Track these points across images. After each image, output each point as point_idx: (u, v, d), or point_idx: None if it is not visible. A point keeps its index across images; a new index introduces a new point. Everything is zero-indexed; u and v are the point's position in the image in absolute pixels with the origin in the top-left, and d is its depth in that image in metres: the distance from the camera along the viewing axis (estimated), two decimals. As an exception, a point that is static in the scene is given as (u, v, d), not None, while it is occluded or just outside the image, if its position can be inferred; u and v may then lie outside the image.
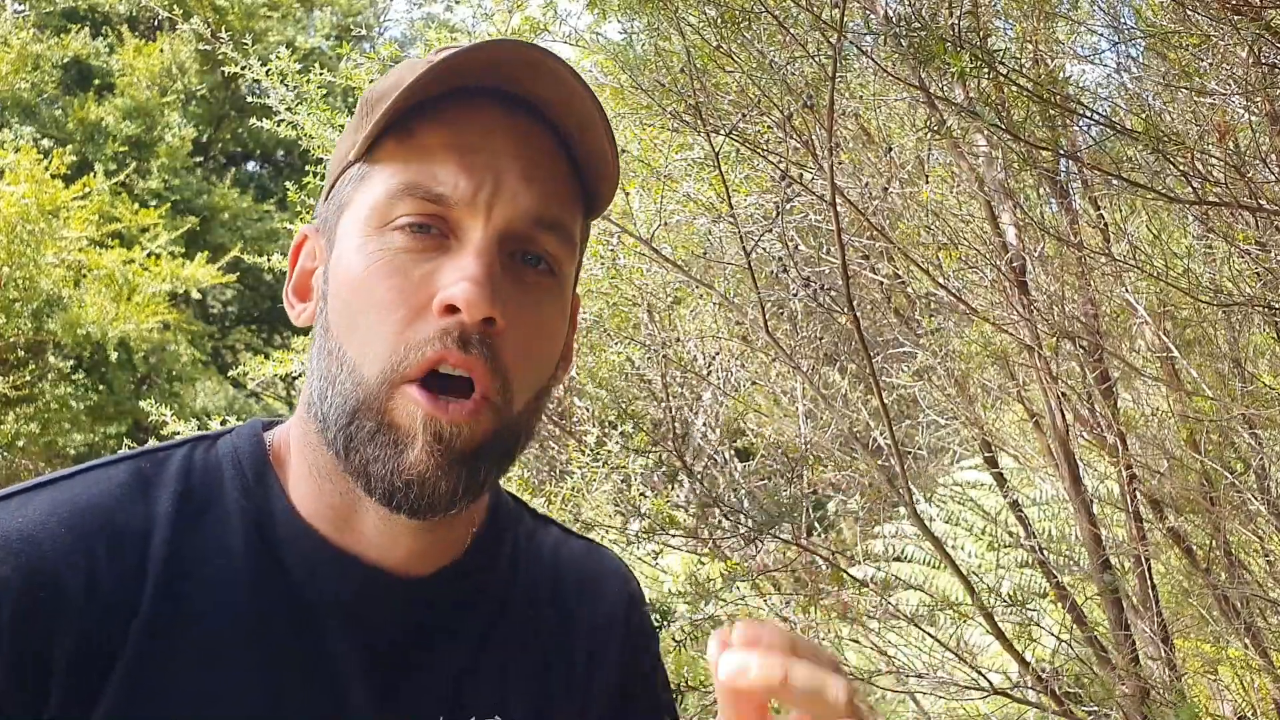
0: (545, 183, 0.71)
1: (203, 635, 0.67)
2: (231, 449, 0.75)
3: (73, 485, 0.69)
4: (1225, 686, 3.04)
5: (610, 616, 0.90)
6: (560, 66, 0.69)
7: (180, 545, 0.69)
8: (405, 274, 0.67)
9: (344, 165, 0.74)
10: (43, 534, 0.65)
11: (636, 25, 2.35)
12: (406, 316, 0.67)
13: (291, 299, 0.78)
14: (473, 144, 0.69)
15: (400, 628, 0.74)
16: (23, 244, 8.58)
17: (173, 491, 0.71)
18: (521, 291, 0.69)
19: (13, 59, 11.33)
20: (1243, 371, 2.34)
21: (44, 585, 0.63)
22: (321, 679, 0.70)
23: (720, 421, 3.48)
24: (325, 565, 0.72)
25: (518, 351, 0.69)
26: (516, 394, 0.70)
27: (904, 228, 2.62)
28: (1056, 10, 2.32)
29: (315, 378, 0.71)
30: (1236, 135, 1.97)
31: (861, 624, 2.73)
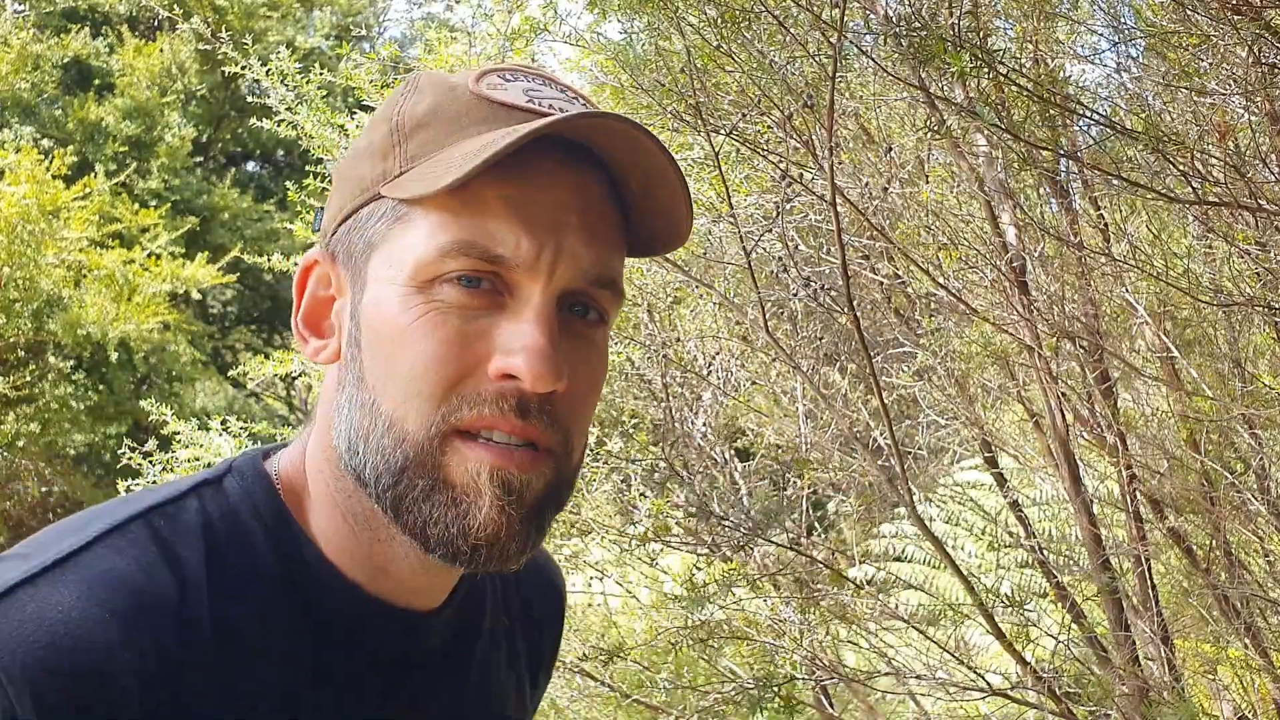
0: (605, 240, 0.67)
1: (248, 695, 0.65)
2: (244, 495, 0.70)
3: (94, 559, 0.62)
4: (1225, 687, 3.04)
5: (555, 623, 0.93)
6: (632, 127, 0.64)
7: (218, 609, 0.64)
8: (458, 329, 0.63)
9: (372, 195, 0.68)
10: (87, 622, 0.59)
11: (636, 25, 2.35)
12: (457, 374, 0.63)
13: (304, 331, 0.73)
14: (533, 199, 0.64)
15: (418, 662, 0.74)
16: (23, 244, 8.58)
17: (199, 552, 0.66)
18: (575, 348, 0.66)
19: (13, 59, 11.33)
20: (1243, 371, 2.34)
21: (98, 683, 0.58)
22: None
23: (720, 421, 3.48)
24: (358, 613, 0.69)
25: (575, 408, 0.66)
26: (575, 446, 0.68)
27: (904, 228, 2.62)
28: (1056, 10, 2.32)
29: (344, 430, 0.67)
30: (1236, 135, 1.97)
31: (860, 625, 2.73)
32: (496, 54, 2.90)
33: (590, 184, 0.67)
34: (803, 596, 2.63)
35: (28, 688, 0.55)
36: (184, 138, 13.39)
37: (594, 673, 2.78)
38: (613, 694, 2.87)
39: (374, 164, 0.68)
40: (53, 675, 0.56)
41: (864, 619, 2.72)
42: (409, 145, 0.67)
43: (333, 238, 0.71)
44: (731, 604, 2.68)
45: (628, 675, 2.78)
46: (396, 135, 0.68)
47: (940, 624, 2.84)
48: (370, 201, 0.68)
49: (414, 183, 0.64)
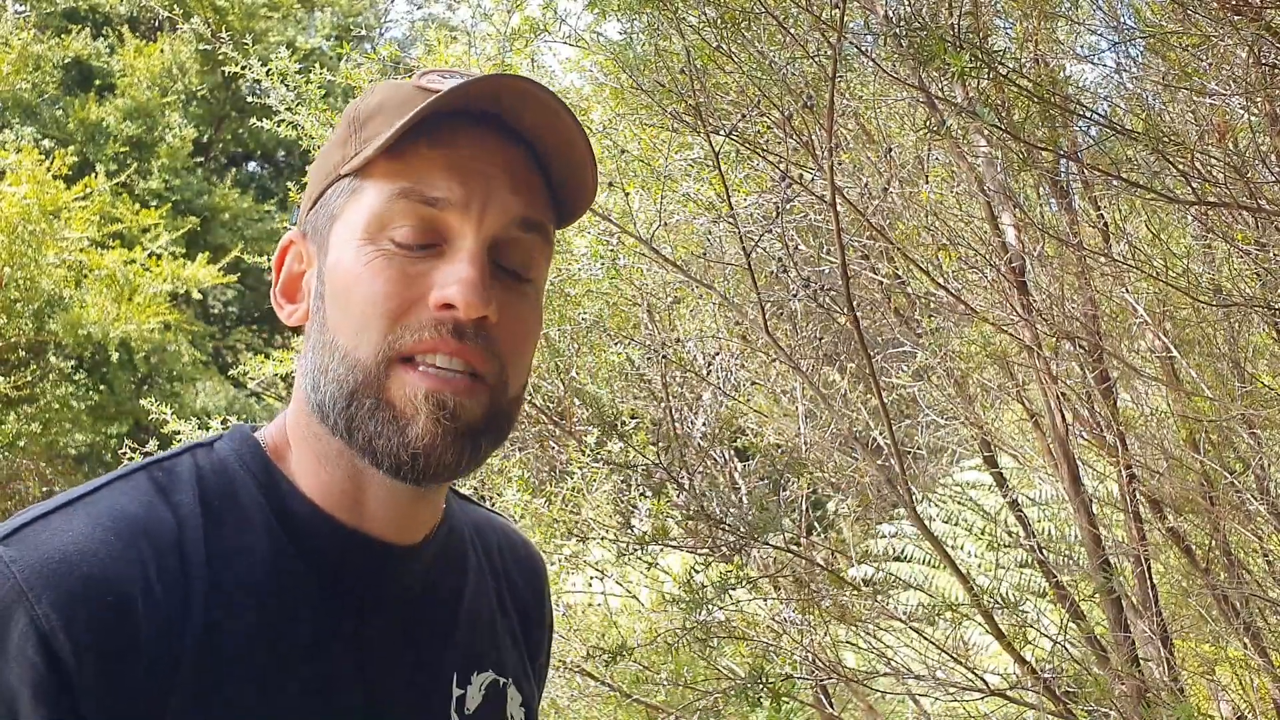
0: (528, 193, 0.77)
1: (246, 628, 0.70)
2: (232, 451, 0.78)
3: (101, 498, 0.71)
4: (1224, 686, 3.04)
5: (539, 600, 0.98)
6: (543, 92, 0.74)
7: (213, 548, 0.72)
8: (401, 270, 0.72)
9: (333, 178, 0.78)
10: (95, 544, 0.67)
11: (636, 25, 2.35)
12: (401, 306, 0.72)
13: (280, 300, 0.82)
14: (464, 158, 0.74)
15: (407, 595, 0.80)
16: (24, 244, 8.58)
17: (193, 496, 0.74)
18: (506, 293, 0.75)
19: (14, 60, 11.33)
20: (1242, 372, 2.34)
21: (110, 592, 0.66)
22: (352, 650, 0.75)
23: (720, 422, 3.48)
24: (342, 546, 0.76)
25: (510, 343, 0.75)
26: (511, 379, 0.76)
27: (904, 228, 2.63)
28: (1056, 10, 2.32)
29: (309, 371, 0.76)
30: (1236, 135, 1.97)
31: (860, 625, 2.73)
32: (496, 54, 2.90)
33: (514, 152, 0.77)
34: (802, 597, 2.63)
35: (46, 594, 0.64)
36: (185, 138, 13.40)
37: (594, 672, 2.78)
38: (613, 694, 2.87)
39: (335, 153, 0.79)
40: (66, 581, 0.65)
41: (863, 619, 2.72)
42: (362, 133, 0.77)
43: (305, 220, 0.81)
44: (731, 605, 2.68)
45: (627, 675, 2.78)
46: (353, 126, 0.78)
47: (939, 624, 2.84)
48: (333, 183, 0.78)
49: (360, 156, 0.75)
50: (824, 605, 2.66)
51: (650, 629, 2.96)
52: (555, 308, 2.85)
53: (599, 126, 2.90)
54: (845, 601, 2.73)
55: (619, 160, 2.82)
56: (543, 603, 0.98)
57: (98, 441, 10.47)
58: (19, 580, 0.64)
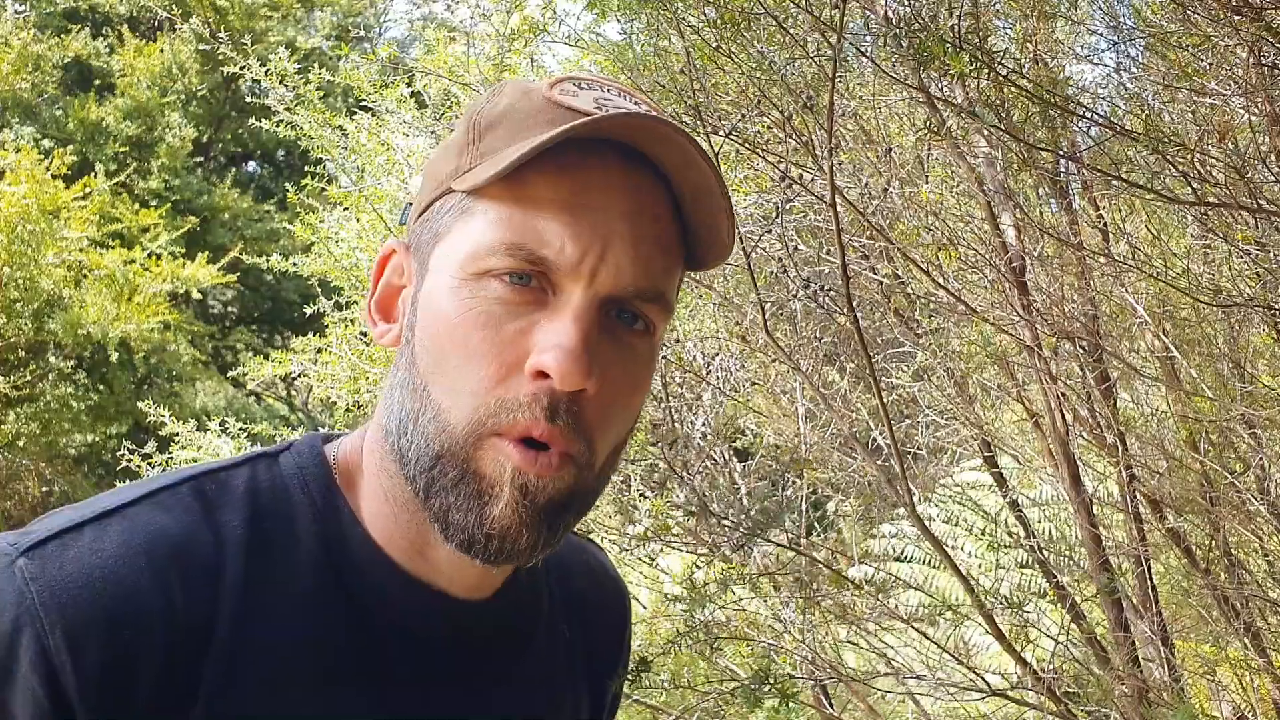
0: (652, 253, 0.68)
1: (278, 658, 0.67)
2: (296, 469, 0.73)
3: (140, 512, 0.67)
4: (1224, 687, 3.04)
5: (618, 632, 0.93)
6: (683, 135, 0.67)
7: (253, 570, 0.68)
8: (500, 327, 0.66)
9: (444, 189, 0.71)
10: (124, 570, 0.64)
11: (636, 26, 2.35)
12: (498, 373, 0.66)
13: (374, 315, 0.77)
14: (584, 203, 0.66)
15: (462, 649, 0.75)
16: (23, 244, 8.58)
17: (242, 516, 0.69)
18: (616, 352, 0.68)
19: (13, 59, 11.33)
20: (1242, 372, 2.34)
21: (129, 627, 0.63)
22: (393, 698, 0.71)
23: (720, 422, 3.48)
24: (395, 592, 0.72)
25: (603, 413, 0.68)
26: (599, 454, 0.69)
27: (903, 228, 2.62)
28: (1056, 10, 2.32)
29: (396, 410, 0.70)
30: (1236, 136, 1.97)
31: (860, 625, 2.73)
32: (495, 54, 2.90)
33: (646, 191, 0.69)
34: (803, 597, 2.63)
35: (61, 623, 0.61)
36: (184, 138, 13.39)
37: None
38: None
39: (450, 160, 0.72)
40: (84, 614, 0.61)
41: (864, 619, 2.72)
42: (482, 143, 0.70)
43: (411, 229, 0.75)
44: (731, 604, 2.67)
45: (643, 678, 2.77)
46: (473, 134, 0.71)
47: (940, 624, 2.84)
48: (443, 195, 0.71)
49: (475, 175, 0.68)
50: (824, 605, 2.66)
51: (651, 630, 2.96)
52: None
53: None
54: (846, 601, 2.73)
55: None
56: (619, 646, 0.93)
57: (97, 441, 10.47)
58: (36, 601, 0.61)
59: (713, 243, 0.72)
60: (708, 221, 0.71)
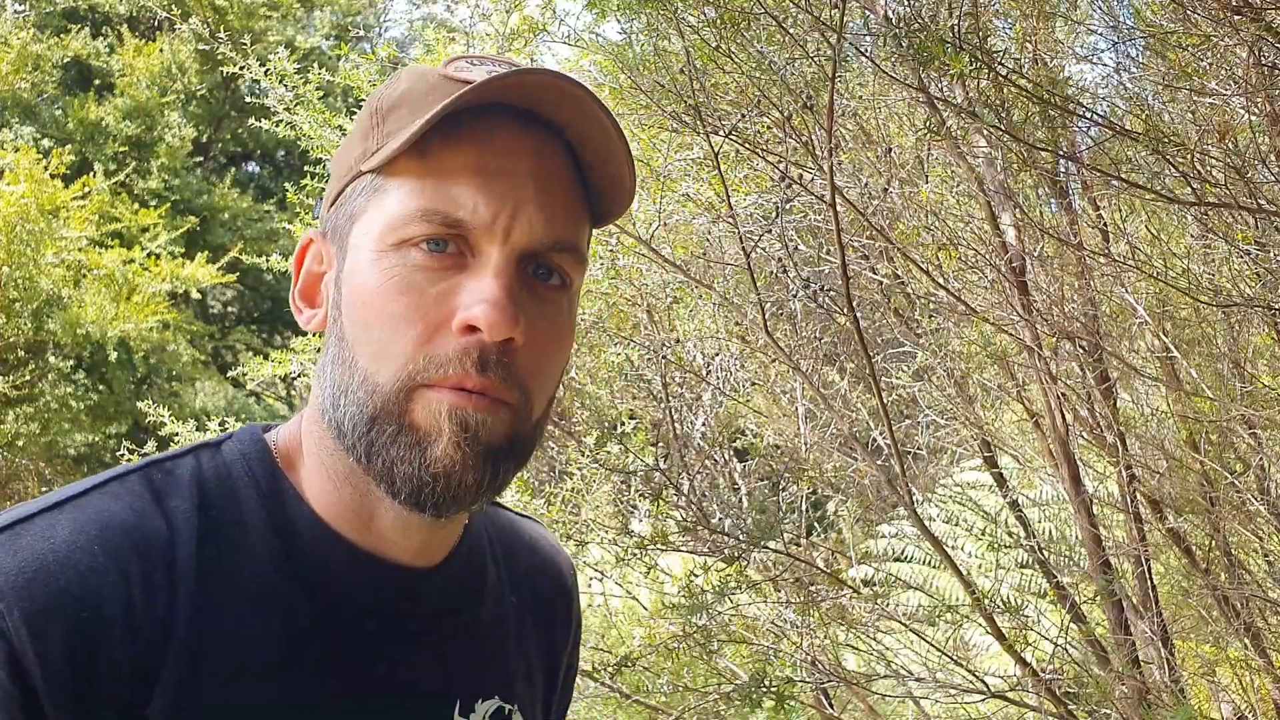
0: (560, 207, 0.72)
1: (234, 646, 0.68)
2: (239, 456, 0.75)
3: (90, 502, 0.69)
4: (1224, 687, 3.04)
5: (564, 600, 0.95)
6: (580, 90, 0.70)
7: (206, 558, 0.69)
8: (423, 290, 0.69)
9: (354, 174, 0.74)
10: (77, 555, 0.65)
11: (635, 25, 2.34)
12: (425, 332, 0.68)
13: (299, 303, 0.79)
14: (491, 167, 0.70)
15: (415, 618, 0.77)
16: (23, 244, 8.57)
17: (190, 501, 0.71)
18: (536, 306, 0.71)
19: (13, 59, 11.33)
20: (1242, 372, 2.34)
21: (86, 608, 0.64)
22: (347, 671, 0.72)
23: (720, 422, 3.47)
24: (346, 566, 0.73)
25: (534, 364, 0.71)
26: (535, 403, 0.72)
27: (903, 228, 2.62)
28: (1055, 10, 2.32)
29: (328, 386, 0.72)
30: (1236, 136, 1.97)
31: (860, 627, 2.73)
32: (495, 54, 2.90)
33: (548, 150, 0.72)
34: (803, 599, 2.63)
35: (19, 608, 0.62)
36: (184, 138, 13.39)
37: (595, 674, 2.77)
38: (613, 695, 2.87)
39: (356, 147, 0.75)
40: (42, 598, 0.62)
41: (864, 621, 2.72)
42: (385, 125, 0.73)
43: (325, 217, 0.78)
44: (731, 608, 2.67)
45: (628, 677, 2.77)
46: (375, 118, 0.74)
47: (940, 625, 2.84)
48: (354, 180, 0.74)
49: (383, 154, 0.71)
50: (824, 607, 2.66)
51: (650, 631, 2.96)
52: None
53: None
54: (845, 603, 2.73)
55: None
56: (568, 615, 0.95)
57: (97, 441, 10.46)
58: None
59: (616, 193, 0.75)
60: (610, 172, 0.74)
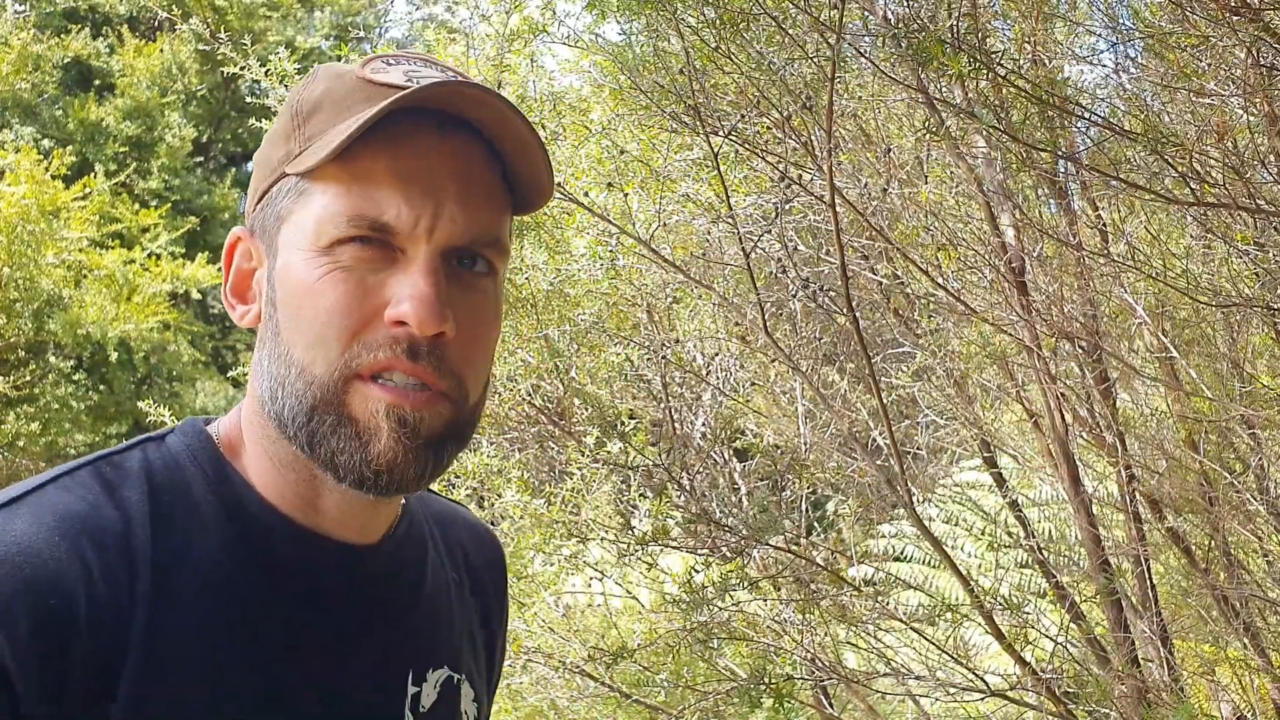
0: (481, 203, 0.75)
1: (196, 628, 0.70)
2: (184, 447, 0.78)
3: (46, 494, 0.71)
4: (1224, 687, 3.04)
5: (499, 574, 0.98)
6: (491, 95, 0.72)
7: (161, 546, 0.71)
8: (355, 284, 0.71)
9: (279, 175, 0.76)
10: (39, 544, 0.67)
11: (635, 26, 2.35)
12: (357, 323, 0.71)
13: (231, 300, 0.81)
14: (413, 170, 0.72)
15: (364, 594, 0.79)
16: (23, 244, 8.58)
17: (141, 491, 0.73)
18: (464, 295, 0.74)
19: (13, 59, 11.33)
20: (1241, 372, 2.34)
21: (52, 594, 0.65)
22: (306, 652, 0.75)
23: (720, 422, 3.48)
24: (296, 546, 0.76)
25: (466, 353, 0.74)
26: (470, 389, 0.75)
27: (903, 228, 2.62)
28: (1055, 11, 2.32)
29: (265, 380, 0.75)
30: (1235, 136, 1.97)
31: (860, 626, 2.73)
32: (495, 55, 2.90)
33: (467, 150, 0.75)
34: (803, 597, 2.63)
35: None
36: (184, 138, 13.40)
37: (594, 673, 2.78)
38: (613, 694, 2.87)
39: (279, 147, 0.77)
40: (7, 584, 0.64)
41: (863, 619, 2.72)
42: (306, 127, 0.75)
43: (252, 216, 0.80)
44: (731, 605, 2.68)
45: (628, 675, 2.78)
46: (296, 119, 0.76)
47: (940, 624, 2.84)
48: (279, 180, 0.76)
49: (307, 158, 0.73)
50: (824, 605, 2.67)
51: (650, 630, 2.96)
52: (555, 308, 2.85)
53: (598, 127, 2.90)
54: (845, 602, 2.73)
55: (618, 161, 2.82)
56: (503, 592, 0.99)
57: (97, 441, 10.47)
58: None
59: (536, 188, 0.78)
60: (529, 171, 0.77)
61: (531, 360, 2.73)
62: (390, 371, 0.71)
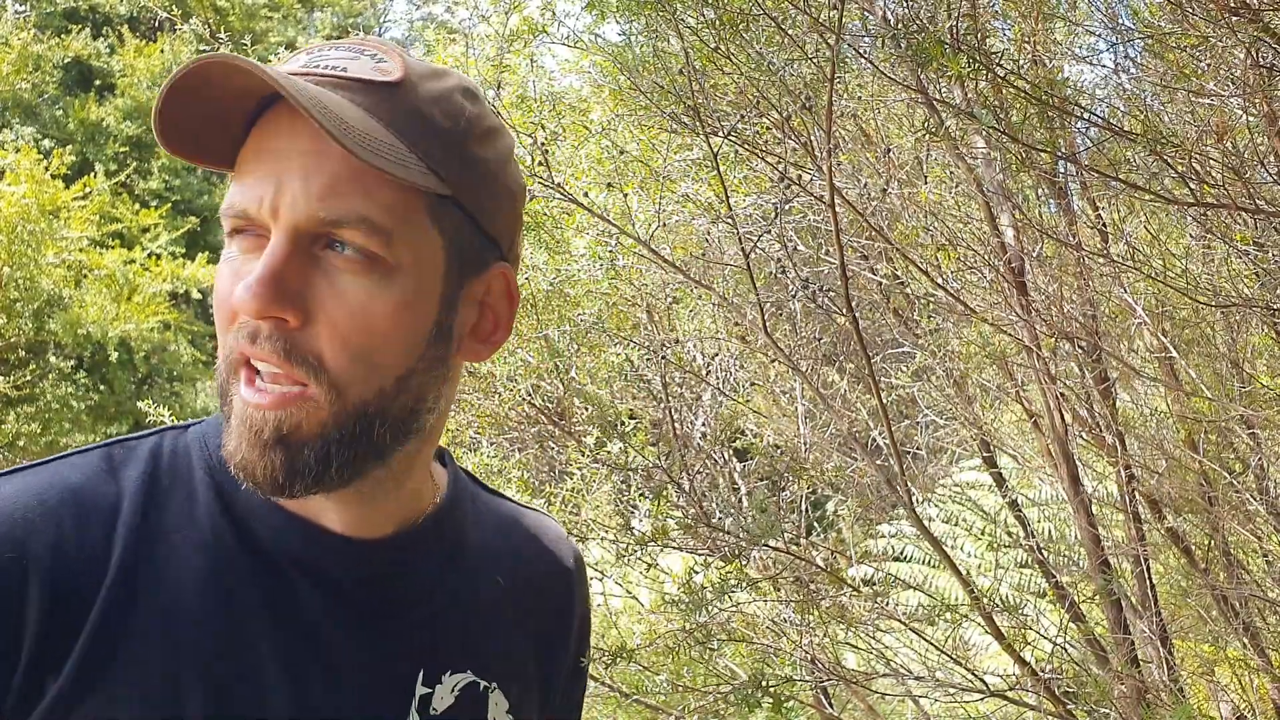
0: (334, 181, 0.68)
1: (171, 597, 0.70)
2: (200, 434, 0.79)
3: (46, 469, 0.74)
4: (1223, 687, 3.04)
5: (563, 587, 0.94)
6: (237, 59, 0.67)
7: (150, 524, 0.72)
8: (232, 275, 0.72)
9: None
10: (12, 507, 0.69)
11: (635, 27, 2.35)
12: (228, 316, 0.72)
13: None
14: (262, 153, 0.71)
15: (366, 586, 0.78)
16: (24, 244, 8.58)
17: (141, 472, 0.75)
18: (328, 282, 0.69)
19: (14, 59, 11.34)
20: (1241, 372, 2.34)
21: (12, 549, 0.67)
22: (294, 627, 0.74)
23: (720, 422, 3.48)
24: (285, 527, 0.76)
25: (334, 341, 0.69)
26: (347, 383, 0.70)
27: (903, 228, 2.63)
28: (1054, 11, 2.32)
29: None
30: (1234, 136, 1.97)
31: (860, 626, 2.73)
32: (494, 55, 2.90)
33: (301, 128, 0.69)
34: (802, 597, 2.63)
35: None
36: (185, 138, 13.37)
37: (593, 673, 2.78)
38: (612, 694, 2.87)
39: None
40: None
41: (863, 620, 2.72)
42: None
43: None
44: (730, 606, 2.68)
45: (627, 676, 2.78)
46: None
47: (939, 624, 2.84)
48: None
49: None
50: (824, 606, 2.66)
51: (650, 630, 2.96)
52: (555, 308, 2.85)
53: (598, 127, 2.90)
54: (845, 602, 2.73)
55: (618, 161, 2.82)
56: (569, 606, 0.94)
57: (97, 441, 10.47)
58: None
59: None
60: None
61: (531, 360, 2.73)
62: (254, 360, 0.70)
